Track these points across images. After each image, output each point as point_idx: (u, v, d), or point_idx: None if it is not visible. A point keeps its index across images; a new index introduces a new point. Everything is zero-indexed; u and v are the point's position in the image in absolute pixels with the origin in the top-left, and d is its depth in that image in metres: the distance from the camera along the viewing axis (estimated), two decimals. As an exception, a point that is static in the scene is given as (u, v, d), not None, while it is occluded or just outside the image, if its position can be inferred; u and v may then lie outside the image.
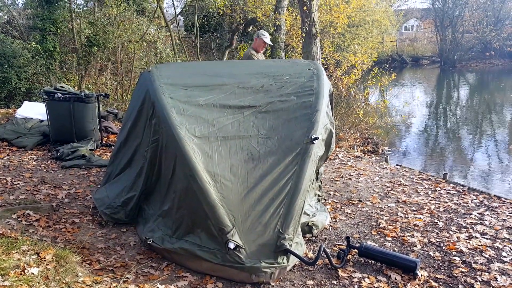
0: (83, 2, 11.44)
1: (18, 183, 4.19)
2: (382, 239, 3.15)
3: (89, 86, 9.79)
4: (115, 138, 6.21)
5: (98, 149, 5.83)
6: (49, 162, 5.12)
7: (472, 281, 2.57)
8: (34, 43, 9.06)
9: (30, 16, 10.35)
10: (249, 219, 2.62)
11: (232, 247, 2.47)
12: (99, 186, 4.08)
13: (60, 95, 5.61)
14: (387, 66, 9.22)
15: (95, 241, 3.04)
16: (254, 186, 2.74)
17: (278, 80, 3.37)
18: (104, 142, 6.15)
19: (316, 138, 2.91)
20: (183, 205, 2.76)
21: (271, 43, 5.33)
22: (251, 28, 13.90)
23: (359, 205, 3.85)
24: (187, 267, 2.67)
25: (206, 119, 2.98)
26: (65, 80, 9.40)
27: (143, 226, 3.06)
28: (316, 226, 3.16)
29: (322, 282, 2.57)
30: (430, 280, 2.58)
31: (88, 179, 4.49)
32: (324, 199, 3.86)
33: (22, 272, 2.26)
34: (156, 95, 3.09)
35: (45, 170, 4.76)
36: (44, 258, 2.46)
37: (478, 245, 3.02)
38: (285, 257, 2.55)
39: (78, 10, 10.63)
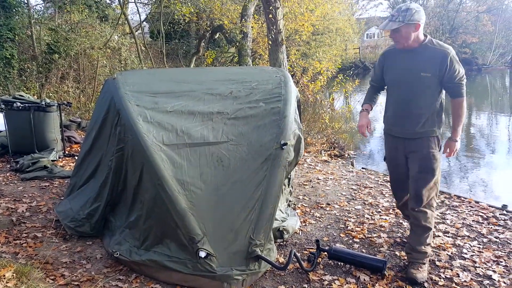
0: (42, 8, 11.02)
1: (-27, 198, 3.96)
2: (351, 241, 3.22)
3: (51, 94, 9.42)
4: (78, 148, 6.00)
5: (60, 160, 5.62)
6: (8, 174, 4.87)
7: (437, 278, 2.67)
8: (-11, 50, 8.63)
9: (-16, 22, 9.85)
10: (220, 226, 2.60)
11: (203, 256, 2.45)
12: (62, 198, 3.92)
13: (19, 104, 5.37)
14: (351, 72, 9.49)
15: (59, 256, 2.91)
16: (225, 193, 2.72)
17: (246, 87, 3.38)
18: (67, 152, 5.93)
19: (285, 144, 2.94)
20: (151, 215, 2.70)
21: (391, 27, 2.81)
22: (217, 35, 13.89)
23: (328, 209, 3.92)
24: (157, 279, 2.61)
25: (174, 126, 2.94)
26: (24, 88, 8.99)
27: (110, 238, 2.96)
28: (287, 231, 3.19)
29: (294, 286, 2.59)
30: (397, 280, 2.66)
31: (50, 191, 4.30)
32: (294, 203, 3.90)
33: (-21, 292, 2.13)
34: (122, 102, 3.02)
35: (4, 183, 4.52)
36: (4, 275, 2.33)
37: (440, 243, 3.15)
38: (256, 263, 2.55)
39: (38, 17, 10.22)
